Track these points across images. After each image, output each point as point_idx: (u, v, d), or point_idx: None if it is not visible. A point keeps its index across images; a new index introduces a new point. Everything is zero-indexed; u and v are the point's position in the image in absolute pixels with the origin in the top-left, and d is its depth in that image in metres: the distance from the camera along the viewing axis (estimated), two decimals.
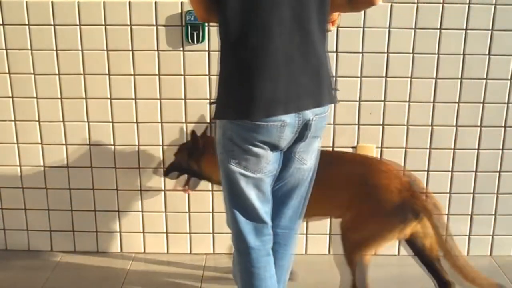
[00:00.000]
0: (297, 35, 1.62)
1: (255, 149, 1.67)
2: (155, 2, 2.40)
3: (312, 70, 1.66)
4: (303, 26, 1.62)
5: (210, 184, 2.55)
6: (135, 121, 2.54)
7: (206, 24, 2.40)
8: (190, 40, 2.42)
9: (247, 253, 1.78)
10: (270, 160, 1.72)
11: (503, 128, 2.57)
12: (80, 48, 2.46)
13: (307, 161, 1.81)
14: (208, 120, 2.54)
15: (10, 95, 2.53)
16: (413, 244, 2.17)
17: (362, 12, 2.41)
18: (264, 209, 1.78)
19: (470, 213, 2.67)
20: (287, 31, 1.60)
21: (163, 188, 2.63)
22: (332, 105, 1.83)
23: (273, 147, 1.70)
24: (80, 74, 2.49)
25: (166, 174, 2.51)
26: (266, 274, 1.79)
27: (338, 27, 2.41)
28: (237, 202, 1.75)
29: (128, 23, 2.43)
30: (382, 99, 2.52)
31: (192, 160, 2.39)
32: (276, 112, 1.62)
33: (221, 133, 1.70)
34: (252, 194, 1.73)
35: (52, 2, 2.40)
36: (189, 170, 2.43)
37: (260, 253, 1.78)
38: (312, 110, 1.68)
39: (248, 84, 1.60)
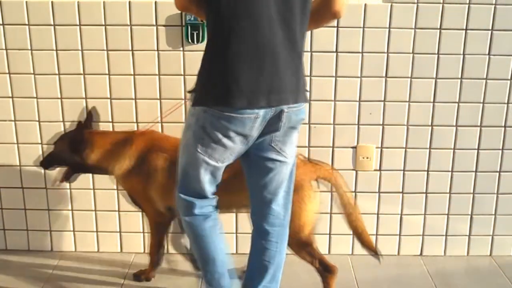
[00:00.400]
0: (282, 32, 1.68)
1: (225, 140, 1.73)
2: (155, 2, 2.40)
3: (293, 68, 1.73)
4: (287, 24, 1.68)
5: None
6: (135, 121, 2.53)
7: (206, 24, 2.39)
8: (190, 40, 2.41)
9: (192, 220, 1.90)
10: (234, 153, 1.80)
11: (503, 128, 2.57)
12: (80, 48, 2.46)
13: (287, 154, 1.84)
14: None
15: (10, 95, 2.53)
16: None
17: (362, 12, 2.41)
18: (211, 190, 1.89)
19: (470, 213, 2.67)
20: (274, 26, 1.66)
21: None
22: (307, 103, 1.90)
23: (244, 138, 1.75)
24: (80, 74, 2.49)
25: (45, 166, 2.38)
26: (212, 238, 1.91)
27: (337, 27, 2.42)
28: (190, 182, 1.85)
29: (128, 23, 2.43)
30: (382, 99, 2.53)
31: (74, 151, 2.30)
32: (259, 104, 1.67)
33: (194, 120, 1.76)
34: (206, 178, 1.84)
35: (52, 2, 2.40)
36: (70, 162, 2.34)
37: (205, 219, 1.90)
38: (288, 106, 1.74)
39: (233, 74, 1.65)
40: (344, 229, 2.66)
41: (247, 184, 1.94)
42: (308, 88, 1.88)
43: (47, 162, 2.38)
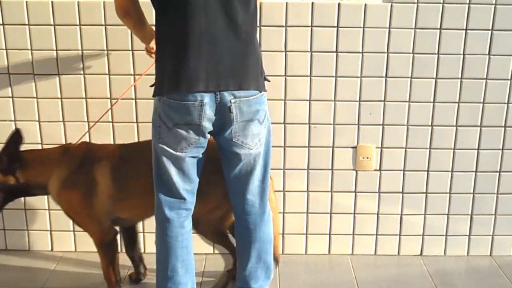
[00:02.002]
0: (222, 20, 1.76)
1: (176, 129, 1.81)
2: None
3: (236, 55, 1.79)
4: (227, 13, 1.76)
5: None
6: (135, 121, 2.53)
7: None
8: None
9: (162, 222, 1.95)
10: (191, 143, 1.84)
11: (503, 128, 2.57)
12: (80, 48, 2.46)
13: (251, 145, 1.89)
14: None
15: (10, 95, 2.53)
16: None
17: (362, 12, 2.41)
18: (184, 187, 1.91)
19: (470, 213, 2.67)
20: (212, 14, 1.74)
21: None
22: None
23: (196, 128, 1.81)
24: (80, 74, 2.49)
25: None
26: (177, 244, 1.95)
27: (337, 27, 2.42)
28: (159, 176, 1.91)
29: None
30: (382, 99, 2.53)
31: (6, 172, 2.12)
32: (197, 88, 1.75)
33: (153, 110, 1.87)
34: (172, 170, 1.87)
35: (52, 2, 2.40)
36: (1, 188, 2.15)
37: (173, 223, 1.94)
38: (232, 93, 1.80)
39: (176, 62, 1.76)
40: (344, 229, 2.67)
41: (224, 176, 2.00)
42: (264, 77, 1.90)
43: None
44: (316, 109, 2.52)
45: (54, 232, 2.71)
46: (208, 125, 1.82)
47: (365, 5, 2.41)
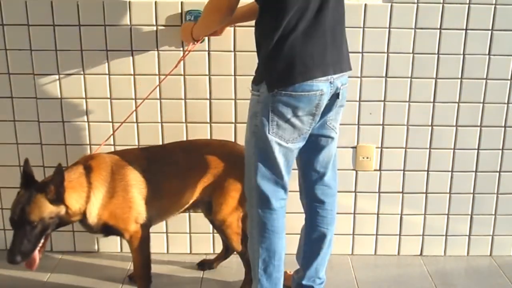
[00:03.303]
0: (337, 12, 1.90)
1: (293, 119, 1.87)
2: (155, 2, 2.40)
3: (342, 42, 1.95)
4: (340, 5, 1.92)
5: None
6: (135, 121, 2.53)
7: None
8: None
9: (269, 214, 1.99)
10: (302, 133, 1.93)
11: (503, 128, 2.57)
12: (80, 48, 2.46)
13: (337, 129, 2.05)
14: (208, 120, 2.54)
15: (10, 95, 2.53)
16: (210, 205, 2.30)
17: (362, 12, 2.41)
18: (288, 177, 1.99)
19: (470, 213, 2.67)
20: (334, 6, 1.87)
21: None
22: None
23: (312, 117, 1.90)
24: (80, 74, 2.49)
25: (25, 255, 1.95)
26: (283, 234, 2.03)
27: None
28: (267, 168, 1.95)
29: (128, 23, 2.43)
30: (382, 99, 2.53)
31: (57, 201, 1.99)
32: (328, 73, 1.86)
33: (261, 106, 1.89)
34: (281, 161, 1.94)
35: (52, 2, 2.40)
36: (51, 223, 2.02)
37: (280, 214, 2.01)
38: (340, 80, 1.93)
39: (302, 53, 1.82)
40: (344, 229, 2.67)
41: (299, 162, 2.09)
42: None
43: (27, 249, 1.95)
44: None
45: (54, 232, 2.70)
46: (320, 113, 1.91)
47: (365, 5, 2.41)
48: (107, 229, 2.19)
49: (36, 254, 2.01)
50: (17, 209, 1.98)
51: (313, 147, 2.03)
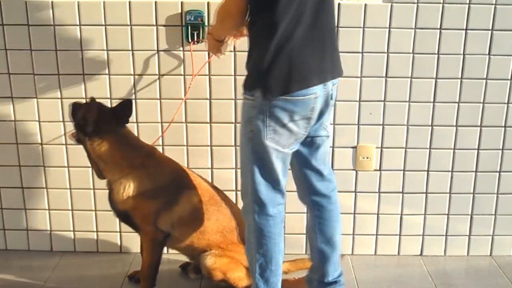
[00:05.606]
0: (332, 16, 1.90)
1: (290, 124, 1.86)
2: (155, 2, 2.40)
3: (332, 43, 1.93)
4: (332, 8, 1.90)
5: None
6: (135, 121, 2.53)
7: (206, 24, 2.40)
8: (190, 40, 2.41)
9: (266, 220, 1.97)
10: (298, 138, 1.92)
11: (503, 128, 2.57)
12: (80, 48, 2.46)
13: (329, 128, 2.07)
14: (208, 120, 2.54)
15: (10, 95, 2.53)
16: None
17: (362, 12, 2.41)
18: (284, 181, 1.99)
19: (470, 213, 2.67)
20: (321, 10, 1.84)
21: None
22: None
23: (307, 121, 1.89)
24: (80, 74, 2.49)
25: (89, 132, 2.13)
26: (280, 239, 2.02)
27: (338, 27, 2.42)
28: (264, 174, 1.93)
29: (128, 23, 2.43)
30: (382, 99, 2.53)
31: (120, 121, 2.18)
32: (326, 79, 1.87)
33: (256, 111, 1.85)
34: (279, 166, 1.92)
35: (52, 2, 2.40)
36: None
37: (277, 220, 1.99)
38: (332, 81, 1.92)
39: (301, 58, 1.80)
40: (344, 229, 2.66)
41: (295, 164, 2.07)
42: None
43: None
44: None
45: (54, 232, 2.71)
46: (315, 117, 1.91)
47: (365, 5, 2.41)
48: (126, 217, 2.22)
49: None
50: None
51: (310, 148, 2.03)
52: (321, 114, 1.94)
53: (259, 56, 1.80)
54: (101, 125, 2.12)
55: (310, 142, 2.01)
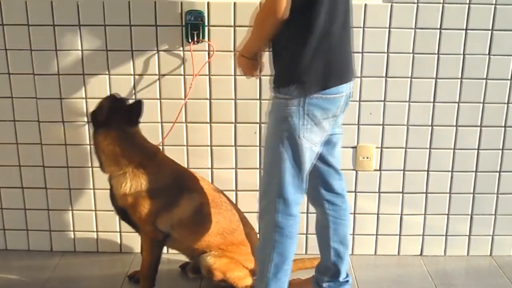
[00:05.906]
0: (348, 23, 1.94)
1: (324, 122, 1.91)
2: (155, 2, 2.40)
3: (350, 44, 1.99)
4: (349, 17, 1.94)
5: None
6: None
7: (206, 24, 2.40)
8: (190, 40, 2.41)
9: (287, 220, 1.98)
10: (325, 137, 1.96)
11: (503, 128, 2.57)
12: (80, 48, 2.46)
13: (341, 126, 2.12)
14: (208, 120, 2.54)
15: (10, 95, 2.53)
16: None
17: (362, 12, 2.41)
18: (307, 181, 2.00)
19: (470, 213, 2.67)
20: (347, 18, 1.92)
21: None
22: None
23: (334, 119, 1.95)
24: (80, 74, 2.49)
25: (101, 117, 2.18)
26: (296, 240, 2.03)
27: None
28: (294, 174, 1.93)
29: (128, 23, 2.43)
30: (382, 99, 2.53)
31: (130, 121, 2.20)
32: (346, 80, 1.93)
33: (291, 110, 1.86)
34: (308, 166, 1.96)
35: (52, 2, 2.40)
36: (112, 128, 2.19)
37: (297, 220, 2.01)
38: (352, 80, 1.99)
39: (336, 57, 1.88)
40: None
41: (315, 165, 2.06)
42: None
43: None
44: None
45: (54, 232, 2.71)
46: (339, 115, 1.98)
47: (365, 5, 2.41)
48: (125, 214, 2.23)
49: None
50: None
51: (328, 146, 2.05)
52: (341, 112, 1.99)
53: (296, 54, 1.83)
54: (113, 118, 2.15)
55: (328, 140, 2.03)
